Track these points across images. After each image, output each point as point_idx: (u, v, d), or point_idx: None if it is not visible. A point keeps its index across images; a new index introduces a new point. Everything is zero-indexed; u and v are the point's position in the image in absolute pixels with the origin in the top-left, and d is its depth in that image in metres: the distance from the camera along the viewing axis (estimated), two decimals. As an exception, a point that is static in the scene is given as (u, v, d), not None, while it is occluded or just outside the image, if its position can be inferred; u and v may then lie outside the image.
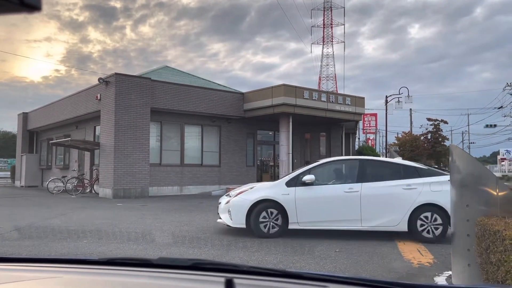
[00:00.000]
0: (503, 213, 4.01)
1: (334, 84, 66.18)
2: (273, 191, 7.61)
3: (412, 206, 7.32)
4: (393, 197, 7.40)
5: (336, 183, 7.88)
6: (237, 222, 7.54)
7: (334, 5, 66.13)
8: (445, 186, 7.46)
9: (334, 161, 8.49)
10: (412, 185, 7.46)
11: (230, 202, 7.72)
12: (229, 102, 19.27)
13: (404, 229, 7.36)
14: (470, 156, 4.79)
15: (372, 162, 8.14)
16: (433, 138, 27.58)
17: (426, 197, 7.36)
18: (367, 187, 7.47)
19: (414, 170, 7.74)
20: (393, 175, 7.66)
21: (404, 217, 7.31)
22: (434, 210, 7.34)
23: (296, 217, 7.44)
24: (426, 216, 7.33)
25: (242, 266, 1.36)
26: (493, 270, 3.43)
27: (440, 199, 7.33)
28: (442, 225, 7.32)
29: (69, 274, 1.39)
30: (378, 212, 7.36)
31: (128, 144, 15.93)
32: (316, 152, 23.73)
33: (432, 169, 8.13)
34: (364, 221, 7.36)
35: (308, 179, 7.53)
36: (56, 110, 21.52)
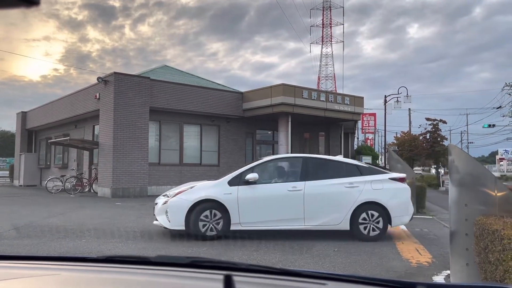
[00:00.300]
0: (501, 212, 4.02)
1: (333, 83, 66.22)
2: (215, 191, 7.27)
3: (354, 204, 7.29)
4: (336, 195, 7.34)
5: (280, 181, 7.68)
6: (175, 224, 7.11)
7: (333, 5, 66.19)
8: (385, 184, 7.57)
9: (278, 159, 8.34)
10: (354, 183, 7.42)
11: (168, 202, 7.29)
12: (228, 101, 19.26)
13: (346, 228, 7.32)
14: (469, 155, 4.79)
15: (316, 160, 7.99)
16: (432, 138, 27.57)
17: (368, 195, 7.35)
18: (311, 185, 7.35)
19: (356, 168, 7.71)
20: (336, 173, 7.59)
21: (346, 215, 7.27)
22: (375, 208, 7.36)
23: (238, 218, 7.16)
24: (367, 215, 7.33)
25: (240, 264, 1.36)
26: (491, 270, 3.43)
27: (381, 197, 7.39)
28: (383, 223, 7.35)
29: (67, 271, 1.39)
30: (321, 211, 7.28)
31: (127, 143, 15.92)
32: (315, 151, 23.71)
33: (373, 167, 8.12)
34: (307, 220, 7.24)
35: (251, 178, 7.27)
36: (55, 109, 21.50)
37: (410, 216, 7.70)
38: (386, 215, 7.39)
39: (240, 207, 7.18)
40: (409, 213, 7.66)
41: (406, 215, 7.62)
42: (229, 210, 7.15)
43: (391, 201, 7.43)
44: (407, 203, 7.68)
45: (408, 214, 7.66)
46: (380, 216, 7.35)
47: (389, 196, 7.47)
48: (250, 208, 7.22)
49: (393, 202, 7.46)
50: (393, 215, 7.41)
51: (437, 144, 27.02)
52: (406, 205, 7.64)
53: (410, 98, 25.41)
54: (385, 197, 7.43)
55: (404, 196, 7.67)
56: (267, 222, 7.26)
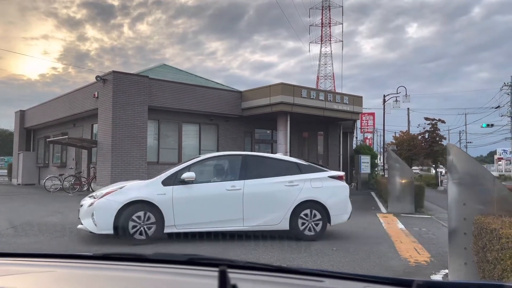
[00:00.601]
0: (499, 211, 4.02)
1: (332, 83, 66.23)
2: (147, 191, 6.79)
3: (293, 203, 7.15)
4: (276, 194, 7.18)
5: (218, 180, 7.38)
6: (102, 227, 6.57)
7: (332, 4, 66.17)
8: (325, 182, 7.47)
9: (216, 157, 7.98)
10: (294, 181, 7.27)
11: (94, 204, 6.71)
12: (227, 100, 19.25)
13: (286, 228, 7.15)
14: (468, 155, 4.80)
15: (255, 158, 7.73)
16: (430, 138, 27.57)
17: (307, 193, 7.24)
18: (250, 184, 7.11)
19: (296, 166, 7.57)
20: (276, 171, 7.41)
21: (286, 215, 7.11)
22: (315, 207, 7.26)
23: (173, 220, 6.74)
24: (306, 213, 7.21)
25: (238, 261, 1.35)
26: (489, 269, 3.43)
27: (320, 196, 7.29)
28: (322, 221, 7.26)
29: (63, 268, 1.38)
30: (261, 210, 7.06)
31: (126, 142, 15.89)
32: (314, 151, 23.74)
33: (312, 165, 7.97)
34: (246, 221, 7.00)
35: (188, 177, 6.90)
36: (54, 108, 21.45)
37: (348, 215, 7.63)
38: (326, 214, 7.30)
39: (175, 208, 6.77)
40: (347, 212, 7.60)
41: (345, 214, 7.56)
42: (163, 211, 6.71)
43: (330, 200, 7.36)
44: (346, 201, 7.62)
45: (347, 212, 7.59)
46: (320, 214, 7.26)
47: (329, 194, 7.40)
48: (186, 210, 6.84)
49: (332, 201, 7.39)
50: (332, 213, 7.34)
51: (436, 144, 27.04)
52: (345, 203, 7.58)
53: (409, 98, 25.41)
54: (325, 196, 7.34)
55: (343, 194, 7.61)
56: (204, 224, 6.90)
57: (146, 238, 6.58)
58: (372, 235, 7.93)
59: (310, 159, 23.59)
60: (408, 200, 11.78)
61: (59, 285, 1.24)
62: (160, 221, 6.70)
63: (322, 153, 23.62)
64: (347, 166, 24.56)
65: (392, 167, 12.31)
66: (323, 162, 23.40)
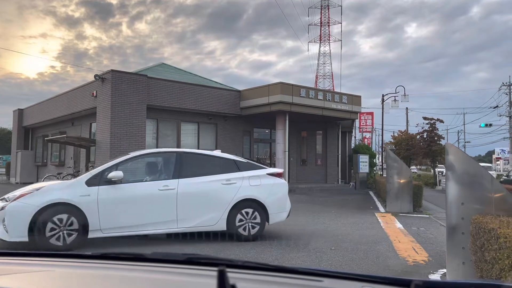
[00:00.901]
0: (497, 211, 4.03)
1: (331, 82, 66.25)
2: (69, 192, 6.21)
3: (231, 202, 6.88)
4: (212, 193, 6.87)
5: (150, 180, 6.94)
6: (15, 234, 5.88)
7: (331, 4, 66.15)
8: (263, 180, 7.24)
9: (148, 154, 7.46)
10: (231, 180, 7.01)
11: (6, 208, 6.02)
12: (226, 99, 19.24)
13: (223, 228, 6.86)
14: (466, 154, 4.80)
15: (191, 155, 7.32)
16: (429, 137, 27.60)
17: (245, 192, 6.99)
18: (185, 183, 6.73)
19: (233, 164, 7.27)
20: (213, 169, 7.09)
21: (223, 215, 6.83)
22: (253, 206, 7.04)
23: (98, 223, 6.20)
24: (245, 213, 6.97)
25: (236, 260, 1.35)
26: (487, 268, 3.44)
27: (258, 194, 7.07)
28: (260, 220, 7.06)
29: (62, 268, 1.38)
30: (196, 211, 6.73)
31: (124, 141, 15.87)
32: (312, 150, 23.76)
33: (251, 162, 7.72)
34: (181, 222, 6.61)
35: (114, 177, 6.38)
36: (52, 106, 21.42)
37: (287, 213, 7.47)
38: (264, 212, 7.09)
39: (101, 211, 6.23)
40: (286, 209, 7.43)
41: (284, 212, 7.39)
42: (86, 214, 6.15)
43: (269, 198, 7.17)
44: (285, 198, 7.45)
45: (286, 210, 7.42)
46: (258, 213, 7.04)
47: (267, 192, 7.19)
48: (113, 212, 6.32)
49: (271, 199, 7.20)
50: (270, 212, 7.15)
51: (434, 143, 27.07)
52: (284, 201, 7.41)
53: (408, 97, 25.45)
54: (263, 194, 7.13)
55: (282, 192, 7.42)
56: (134, 227, 6.42)
57: (63, 245, 5.97)
58: (371, 234, 7.94)
59: (309, 158, 23.63)
60: (407, 200, 11.79)
61: (57, 284, 1.24)
62: (83, 225, 6.14)
63: (320, 153, 23.63)
64: (346, 166, 24.58)
65: (390, 166, 12.32)
66: (322, 162, 23.45)
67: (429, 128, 27.64)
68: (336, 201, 14.87)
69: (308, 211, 11.54)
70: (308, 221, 9.54)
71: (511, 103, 38.90)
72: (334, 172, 23.24)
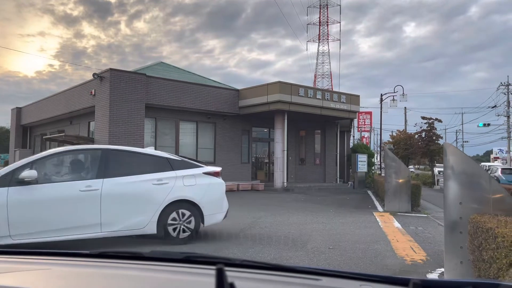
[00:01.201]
0: (495, 211, 4.04)
1: (330, 82, 66.27)
2: None
3: (162, 204, 6.44)
4: (141, 194, 6.36)
5: (70, 179, 6.27)
6: None
7: (330, 3, 66.13)
8: (199, 179, 6.81)
9: (69, 151, 6.75)
10: (163, 179, 6.54)
11: None
12: (224, 98, 19.24)
13: (153, 232, 6.39)
14: (464, 154, 4.81)
15: (119, 152, 6.72)
16: (427, 137, 27.64)
17: (178, 192, 6.57)
18: (110, 183, 6.17)
19: (166, 162, 6.78)
20: (143, 168, 6.60)
21: (153, 217, 6.37)
22: (187, 207, 6.64)
23: (7, 229, 5.53)
24: (177, 215, 6.56)
25: (235, 259, 1.35)
26: (485, 267, 3.45)
27: (193, 194, 6.68)
28: (195, 222, 6.67)
29: (59, 266, 1.38)
30: (123, 213, 6.20)
31: (123, 140, 15.85)
32: (311, 149, 23.78)
33: (186, 160, 7.15)
34: (105, 226, 6.06)
35: (28, 176, 5.72)
36: (50, 105, 21.38)
37: (224, 214, 7.15)
38: (199, 214, 6.72)
39: (10, 214, 5.56)
40: (223, 210, 7.11)
41: (220, 213, 7.06)
42: None
43: (204, 198, 6.78)
44: (222, 199, 7.10)
45: (223, 211, 7.09)
46: (192, 215, 6.64)
47: (203, 192, 6.80)
48: (26, 216, 5.69)
49: (207, 199, 6.80)
50: (206, 213, 6.77)
51: (433, 143, 27.11)
52: (220, 202, 7.06)
53: (406, 97, 25.46)
54: (198, 194, 6.74)
55: (218, 192, 7.06)
56: (51, 232, 5.79)
57: None
58: (369, 233, 7.95)
59: (307, 158, 23.65)
60: (405, 199, 11.81)
61: (54, 283, 1.24)
62: None
63: (319, 152, 23.66)
64: (344, 165, 24.60)
65: (389, 166, 12.33)
66: (320, 161, 23.47)
67: (427, 128, 27.68)
68: (334, 200, 14.89)
69: (307, 210, 11.55)
70: (306, 220, 9.55)
71: (509, 102, 38.99)
72: (333, 171, 23.27)
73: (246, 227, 8.37)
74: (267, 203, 13.35)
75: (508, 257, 3.00)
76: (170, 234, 6.50)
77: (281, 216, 10.06)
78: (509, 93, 39.14)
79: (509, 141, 39.33)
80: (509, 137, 39.23)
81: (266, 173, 22.67)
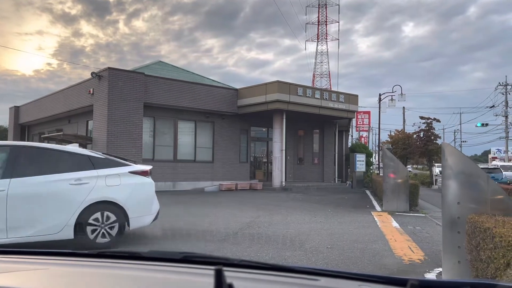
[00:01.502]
0: (493, 211, 4.05)
1: (328, 81, 66.30)
2: None
3: (80, 206, 5.87)
4: (56, 195, 5.78)
5: None
6: None
7: (328, 2, 66.14)
8: (124, 178, 6.33)
9: None
10: (83, 179, 5.97)
11: None
12: (223, 98, 19.23)
13: (70, 236, 5.80)
14: (462, 154, 4.82)
15: (31, 150, 6.08)
16: (425, 136, 27.69)
17: (100, 193, 6.02)
18: (20, 184, 5.56)
19: (87, 160, 6.21)
20: (60, 167, 6.01)
21: (70, 220, 5.77)
22: (109, 209, 6.10)
23: None
24: (98, 217, 5.99)
25: (233, 259, 1.35)
26: (483, 267, 3.46)
27: (116, 195, 6.15)
28: (118, 225, 6.13)
29: (57, 266, 1.38)
30: (34, 217, 5.61)
31: (121, 139, 15.84)
32: (309, 149, 23.79)
33: (111, 158, 6.57)
34: (12, 231, 5.42)
35: None
36: (48, 104, 21.34)
37: (153, 216, 6.66)
38: (124, 216, 6.20)
39: None
40: (152, 212, 6.61)
41: (149, 215, 6.56)
42: None
43: (130, 199, 6.28)
44: (150, 200, 6.63)
45: (151, 213, 6.59)
46: (116, 217, 6.11)
47: (128, 193, 6.29)
48: None
49: (132, 200, 6.32)
50: (131, 215, 6.25)
51: (431, 143, 27.16)
52: (148, 203, 6.59)
53: (405, 97, 25.49)
54: (123, 195, 6.22)
55: (146, 192, 6.60)
56: None
57: None
58: (367, 233, 7.95)
59: (306, 157, 23.67)
60: (403, 199, 11.83)
61: (52, 283, 1.23)
62: None
63: (317, 151, 23.68)
64: (343, 164, 24.62)
65: (387, 165, 12.35)
66: (319, 160, 23.47)
67: (425, 128, 27.74)
68: (332, 199, 14.90)
69: (305, 209, 11.56)
70: (304, 219, 9.55)
71: (507, 102, 39.07)
72: (331, 171, 23.29)
73: (244, 226, 8.37)
74: (265, 202, 13.35)
75: (506, 257, 3.01)
76: (89, 238, 5.95)
77: (279, 216, 10.06)
78: (507, 93, 39.22)
79: (507, 141, 39.42)
80: (507, 137, 39.32)
81: (264, 172, 22.68)
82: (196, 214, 10.12)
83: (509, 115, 38.92)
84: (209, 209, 11.19)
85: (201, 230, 7.89)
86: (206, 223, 8.72)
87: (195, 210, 10.80)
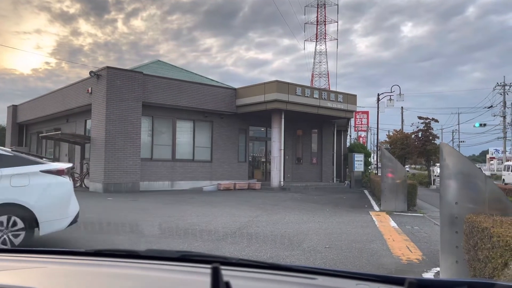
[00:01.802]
0: (491, 210, 4.05)
1: (327, 81, 66.33)
2: None
3: None
4: None
5: None
6: None
7: (327, 2, 66.16)
8: (35, 179, 5.65)
9: None
10: None
11: None
12: (222, 97, 19.22)
13: None
14: (460, 154, 4.83)
15: None
16: (423, 137, 27.76)
17: (4, 195, 5.37)
18: None
19: None
20: None
21: None
22: (14, 212, 5.40)
23: None
24: (1, 222, 5.31)
25: (231, 258, 1.35)
26: (480, 267, 3.46)
27: (23, 197, 5.48)
28: (25, 230, 5.48)
29: (55, 264, 1.37)
30: None
31: (119, 138, 15.82)
32: (308, 149, 23.79)
33: (19, 156, 5.91)
34: None
35: None
36: (47, 103, 21.30)
37: (70, 218, 5.95)
38: (33, 220, 5.51)
39: None
40: (69, 215, 5.92)
41: (64, 218, 5.85)
42: None
43: (40, 202, 5.59)
44: (66, 201, 5.95)
45: (68, 216, 5.90)
46: (22, 222, 5.43)
47: (38, 194, 5.62)
48: None
49: (44, 203, 5.63)
50: (42, 219, 5.54)
51: (429, 143, 27.24)
52: (64, 205, 5.91)
53: (403, 97, 25.54)
54: (31, 197, 5.54)
55: (61, 194, 5.93)
56: None
57: None
58: (365, 233, 7.96)
59: (304, 157, 23.68)
60: (401, 199, 11.84)
61: (51, 281, 1.23)
62: None
63: (316, 151, 23.69)
64: (341, 164, 24.64)
65: (385, 165, 12.36)
66: (317, 160, 23.49)
67: (424, 128, 27.81)
68: (331, 199, 14.91)
69: (303, 209, 11.56)
70: (303, 219, 9.56)
71: (505, 103, 39.16)
72: (329, 171, 23.31)
73: (243, 226, 8.37)
74: (264, 202, 13.35)
75: (503, 256, 3.01)
76: None
77: (277, 215, 10.06)
78: (506, 94, 39.31)
79: (505, 141, 39.51)
80: (505, 137, 39.42)
81: (263, 172, 22.68)
82: (194, 213, 10.11)
83: (507, 116, 39.02)
84: (207, 208, 11.19)
85: (199, 229, 7.89)
86: (204, 222, 8.72)
87: (193, 210, 10.79)
